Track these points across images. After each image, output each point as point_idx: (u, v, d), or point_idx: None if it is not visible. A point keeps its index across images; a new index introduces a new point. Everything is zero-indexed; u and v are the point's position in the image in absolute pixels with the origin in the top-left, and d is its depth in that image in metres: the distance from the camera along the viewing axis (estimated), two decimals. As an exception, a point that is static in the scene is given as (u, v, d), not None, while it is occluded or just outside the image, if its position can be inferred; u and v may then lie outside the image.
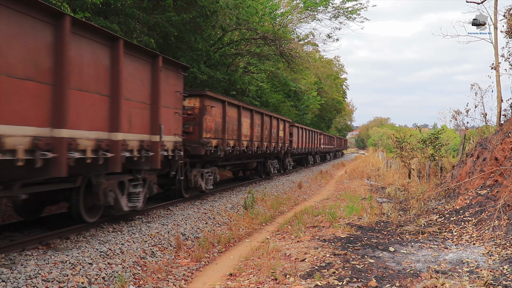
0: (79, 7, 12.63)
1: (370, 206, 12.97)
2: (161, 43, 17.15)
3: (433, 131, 25.52)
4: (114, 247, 7.56)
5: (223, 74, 22.00)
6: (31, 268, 5.94)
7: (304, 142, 32.07)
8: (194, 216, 11.05)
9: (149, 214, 10.76)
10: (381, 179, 25.25)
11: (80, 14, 12.17)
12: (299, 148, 29.92)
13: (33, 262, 6.22)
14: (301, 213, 13.02)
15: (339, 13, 27.49)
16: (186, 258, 8.35)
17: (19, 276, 5.66)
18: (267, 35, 22.57)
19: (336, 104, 63.11)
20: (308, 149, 33.80)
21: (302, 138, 31.09)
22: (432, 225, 10.39)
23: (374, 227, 10.55)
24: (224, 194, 15.49)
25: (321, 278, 6.47)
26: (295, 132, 28.41)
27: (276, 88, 33.73)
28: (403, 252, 8.14)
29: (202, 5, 17.03)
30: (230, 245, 9.88)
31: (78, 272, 6.25)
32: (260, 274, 6.88)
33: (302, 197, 18.89)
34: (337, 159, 56.07)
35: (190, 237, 9.55)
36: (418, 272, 6.86)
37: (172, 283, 6.96)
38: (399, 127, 69.52)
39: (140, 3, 15.42)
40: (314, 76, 46.53)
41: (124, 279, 6.49)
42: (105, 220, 9.33)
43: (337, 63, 62.75)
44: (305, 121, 42.49)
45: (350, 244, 8.72)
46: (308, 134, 33.76)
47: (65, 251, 7.01)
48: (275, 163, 23.88)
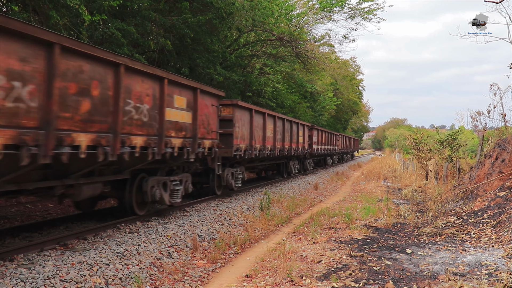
0: (96, 9, 12.76)
1: (387, 208, 12.89)
2: (177, 44, 17.23)
3: (451, 132, 25.25)
4: (130, 248, 7.61)
5: (239, 76, 22.05)
6: (49, 268, 6.01)
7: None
8: (210, 217, 11.07)
9: (165, 215, 10.81)
10: (397, 180, 25.08)
11: (97, 16, 12.30)
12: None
13: (51, 263, 6.28)
14: (317, 214, 12.99)
15: (355, 13, 27.41)
16: (202, 259, 8.38)
17: (38, 276, 5.72)
18: (283, 36, 22.57)
19: (352, 105, 62.83)
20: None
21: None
22: (449, 227, 10.29)
23: (391, 229, 10.48)
24: (240, 195, 15.51)
25: (337, 279, 6.44)
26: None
27: (292, 89, 33.68)
28: (421, 254, 8.08)
29: (218, 7, 17.08)
30: (246, 247, 9.90)
31: (95, 273, 6.30)
32: (276, 275, 6.87)
33: (318, 199, 18.84)
34: (346, 162, 55.58)
35: (206, 238, 9.57)
36: (436, 274, 6.80)
37: (188, 284, 6.99)
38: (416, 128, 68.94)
39: (156, 5, 15.52)
40: (330, 77, 46.35)
41: (140, 280, 6.53)
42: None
43: (353, 64, 62.56)
44: (321, 122, 42.36)
45: (366, 245, 8.67)
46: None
47: (83, 251, 7.07)
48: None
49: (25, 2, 11.65)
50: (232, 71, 21.70)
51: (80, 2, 11.52)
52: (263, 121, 17.33)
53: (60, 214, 10.71)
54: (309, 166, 28.84)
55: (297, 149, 23.36)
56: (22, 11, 11.70)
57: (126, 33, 13.87)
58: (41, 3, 11.48)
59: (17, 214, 10.39)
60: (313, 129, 28.46)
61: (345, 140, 48.74)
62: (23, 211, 10.82)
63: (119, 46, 13.59)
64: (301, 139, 24.79)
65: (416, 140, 25.23)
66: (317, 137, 30.09)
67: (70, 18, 12.07)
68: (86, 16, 11.64)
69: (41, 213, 11.16)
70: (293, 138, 22.57)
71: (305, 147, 25.97)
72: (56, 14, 11.18)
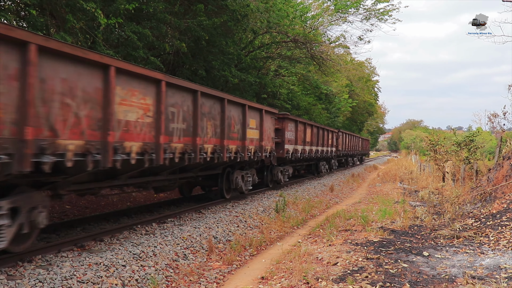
0: (112, 12, 12.86)
1: (403, 210, 12.79)
2: (193, 47, 17.31)
3: (468, 133, 24.99)
4: (147, 249, 7.64)
5: (254, 77, 22.07)
6: (66, 269, 6.06)
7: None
8: (226, 219, 11.08)
9: (181, 217, 10.85)
10: (414, 182, 24.88)
11: (113, 19, 12.39)
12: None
13: (69, 264, 6.34)
14: (333, 216, 12.93)
15: (370, 14, 27.28)
16: (218, 261, 8.39)
17: (55, 277, 5.77)
18: (298, 38, 22.55)
19: (368, 107, 62.57)
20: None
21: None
22: (467, 230, 10.17)
23: (407, 231, 10.39)
24: (256, 197, 15.51)
25: (353, 282, 6.40)
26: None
27: (307, 91, 33.64)
28: (438, 257, 8.00)
29: (233, 9, 17.12)
30: (262, 249, 9.88)
31: (112, 274, 6.34)
32: (292, 277, 6.85)
33: (334, 201, 18.77)
34: (356, 166, 55.12)
35: (222, 240, 9.58)
36: (454, 277, 6.72)
37: (204, 285, 7.00)
38: (432, 130, 68.37)
39: (171, 8, 15.60)
40: (346, 79, 46.22)
41: (156, 282, 6.55)
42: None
43: (368, 65, 62.25)
44: (337, 124, 42.21)
45: (383, 248, 8.61)
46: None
47: (99, 253, 7.12)
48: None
49: (42, 6, 11.78)
50: (247, 73, 21.73)
51: (96, 5, 11.63)
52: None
53: (77, 216, 10.79)
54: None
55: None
56: (39, 15, 11.83)
57: (142, 36, 13.96)
58: (58, 7, 11.60)
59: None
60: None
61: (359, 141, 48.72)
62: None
63: (134, 49, 13.69)
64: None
65: (433, 142, 24.99)
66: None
67: (86, 21, 12.18)
68: (102, 19, 11.75)
69: (59, 215, 11.26)
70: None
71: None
72: (73, 18, 11.29)
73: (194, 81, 17.68)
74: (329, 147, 28.85)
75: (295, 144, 19.67)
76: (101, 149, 6.67)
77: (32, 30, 10.31)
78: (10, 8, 11.76)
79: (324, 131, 26.78)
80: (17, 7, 12.07)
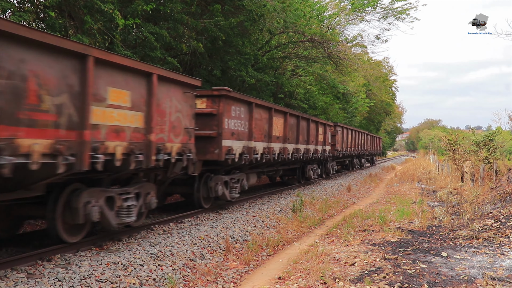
0: (130, 13, 12.95)
1: (421, 210, 12.69)
2: (209, 47, 17.34)
3: (487, 133, 24.69)
4: (164, 249, 7.68)
5: (271, 77, 22.04)
6: (85, 269, 6.12)
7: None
8: (243, 219, 11.09)
9: (198, 216, 10.88)
10: (432, 182, 24.64)
11: (131, 20, 12.47)
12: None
13: (87, 263, 6.40)
14: (350, 216, 12.88)
15: (387, 13, 27.03)
16: (235, 260, 8.40)
17: (74, 276, 5.83)
18: (315, 37, 22.46)
19: (385, 106, 62.13)
20: None
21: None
22: (487, 230, 10.05)
23: (425, 232, 10.30)
24: (273, 197, 15.50)
25: (371, 282, 6.36)
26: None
27: (324, 91, 33.48)
28: (457, 258, 7.91)
29: (250, 9, 17.12)
30: (279, 248, 9.88)
31: (130, 273, 6.38)
32: (309, 277, 6.83)
33: (351, 201, 18.68)
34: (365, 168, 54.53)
35: (239, 240, 9.59)
36: (473, 278, 6.65)
37: (221, 285, 7.02)
38: (451, 129, 67.61)
39: (188, 8, 15.65)
40: (363, 78, 45.93)
41: (174, 281, 6.58)
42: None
43: (386, 65, 61.85)
44: (354, 124, 42.00)
45: (401, 248, 8.55)
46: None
47: (117, 252, 7.17)
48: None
49: (61, 8, 11.91)
50: (264, 73, 21.71)
51: (114, 6, 11.72)
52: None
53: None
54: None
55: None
56: (58, 17, 11.96)
57: (159, 36, 14.03)
58: (76, 9, 11.72)
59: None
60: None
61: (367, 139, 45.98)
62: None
63: (152, 50, 13.76)
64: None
65: (451, 142, 24.73)
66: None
67: (104, 22, 12.27)
68: (119, 20, 11.83)
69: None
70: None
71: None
72: (91, 19, 11.40)
73: (210, 82, 17.73)
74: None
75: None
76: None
77: (51, 32, 10.44)
78: (29, 10, 11.90)
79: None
80: (36, 9, 12.21)
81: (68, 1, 11.50)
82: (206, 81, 17.80)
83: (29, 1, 12.05)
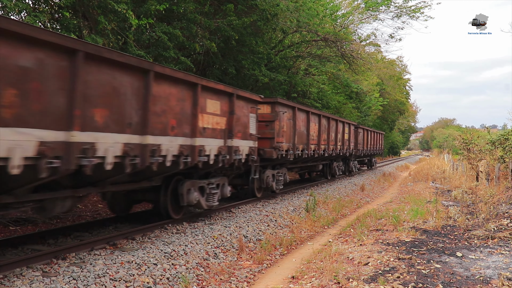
0: (143, 13, 13.01)
1: (435, 210, 12.59)
2: (222, 47, 17.37)
3: (503, 132, 24.42)
4: (177, 248, 7.71)
5: (284, 77, 22.04)
6: (99, 267, 6.15)
7: None
8: (256, 218, 11.10)
9: (211, 216, 10.91)
10: (447, 182, 24.46)
11: (144, 20, 12.53)
12: None
13: (101, 262, 6.44)
14: (364, 216, 12.82)
15: (401, 12, 26.85)
16: (248, 260, 8.40)
17: (89, 274, 5.87)
18: (328, 36, 22.41)
19: (399, 105, 61.76)
20: None
21: None
22: (502, 230, 9.94)
23: (440, 231, 10.22)
24: (286, 196, 15.49)
25: (385, 282, 6.33)
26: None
27: (338, 90, 33.37)
28: (472, 258, 7.84)
29: (263, 8, 17.12)
30: (292, 248, 9.86)
31: (143, 272, 6.41)
32: (322, 277, 6.82)
33: (364, 200, 18.61)
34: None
35: (252, 239, 9.59)
36: (488, 279, 6.58)
37: (234, 284, 7.02)
38: (465, 128, 67.09)
39: (201, 8, 15.69)
40: (376, 77, 45.72)
41: (187, 280, 6.60)
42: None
43: (400, 64, 61.49)
44: (367, 123, 41.82)
45: (415, 248, 8.49)
46: None
47: (131, 251, 7.21)
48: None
49: (75, 9, 12.00)
50: (277, 72, 21.71)
51: (128, 6, 11.78)
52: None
53: (109, 215, 10.95)
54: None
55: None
56: (72, 17, 12.05)
57: (172, 36, 14.08)
58: (90, 9, 11.80)
59: (68, 214, 10.70)
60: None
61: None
62: (74, 211, 11.14)
63: (165, 49, 13.82)
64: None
65: (466, 141, 24.53)
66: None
67: (117, 22, 12.35)
68: (133, 20, 11.89)
69: (91, 214, 11.45)
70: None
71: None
72: (104, 19, 11.47)
73: (224, 81, 17.76)
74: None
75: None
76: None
77: (65, 32, 10.52)
78: (44, 11, 12.00)
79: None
80: (51, 9, 12.32)
81: (82, 2, 11.58)
82: (220, 80, 17.82)
83: (44, 1, 12.15)
